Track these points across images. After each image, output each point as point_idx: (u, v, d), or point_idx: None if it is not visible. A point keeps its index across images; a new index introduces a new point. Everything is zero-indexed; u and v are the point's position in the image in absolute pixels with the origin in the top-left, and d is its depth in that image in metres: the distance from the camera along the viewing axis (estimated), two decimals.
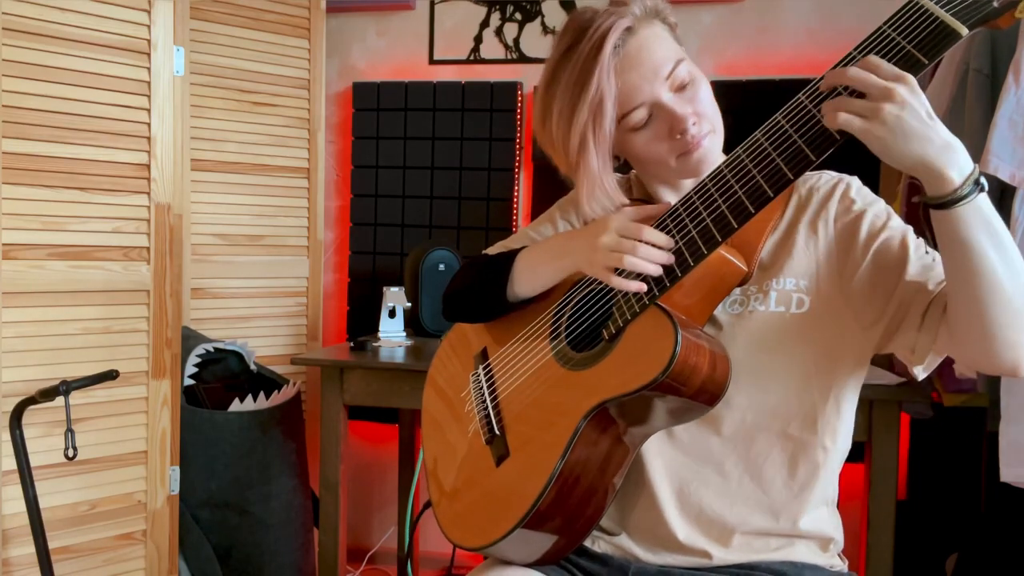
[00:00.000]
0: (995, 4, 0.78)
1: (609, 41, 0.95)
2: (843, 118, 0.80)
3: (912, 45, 0.80)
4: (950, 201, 0.81)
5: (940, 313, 0.92)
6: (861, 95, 0.81)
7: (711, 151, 1.00)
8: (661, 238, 0.94)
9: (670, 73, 0.98)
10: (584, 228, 1.02)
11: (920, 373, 0.97)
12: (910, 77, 0.79)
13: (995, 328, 0.86)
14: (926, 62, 0.80)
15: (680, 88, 0.99)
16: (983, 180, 0.82)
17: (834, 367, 1.02)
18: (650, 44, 0.98)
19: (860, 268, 0.98)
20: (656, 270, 0.93)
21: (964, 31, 0.78)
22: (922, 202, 0.84)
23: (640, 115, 0.99)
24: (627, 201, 1.05)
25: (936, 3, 0.79)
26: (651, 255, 0.93)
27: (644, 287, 0.94)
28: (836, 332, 1.01)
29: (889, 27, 0.82)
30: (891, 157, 0.81)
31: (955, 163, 0.80)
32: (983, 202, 0.82)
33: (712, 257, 0.92)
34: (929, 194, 0.83)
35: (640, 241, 0.94)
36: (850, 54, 0.84)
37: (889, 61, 0.81)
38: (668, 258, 0.93)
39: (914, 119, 0.79)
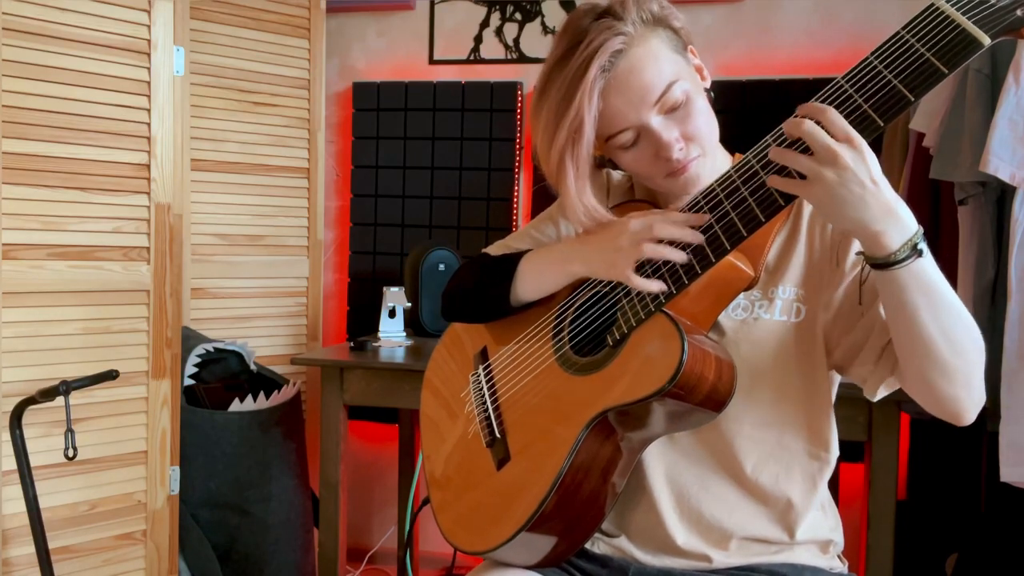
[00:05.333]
0: (1019, 12, 0.75)
1: (596, 64, 0.92)
2: (779, 181, 0.82)
3: (932, 53, 0.77)
4: (884, 264, 0.83)
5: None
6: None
7: (699, 174, 0.99)
8: (689, 226, 0.92)
9: (660, 97, 0.95)
10: (595, 233, 1.01)
11: (872, 398, 1.00)
12: (858, 139, 0.79)
13: (931, 382, 0.90)
14: (946, 71, 0.77)
15: (671, 110, 0.96)
16: (922, 246, 0.82)
17: (822, 375, 1.03)
18: (641, 66, 0.94)
19: (842, 284, 0.99)
20: (680, 256, 0.91)
21: (987, 41, 0.75)
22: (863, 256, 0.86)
23: (627, 137, 0.97)
24: (608, 215, 1.01)
25: (958, 10, 0.76)
26: (673, 234, 0.92)
27: (664, 287, 0.93)
28: (821, 340, 1.02)
29: (908, 32, 0.79)
30: (827, 217, 0.83)
31: (894, 228, 0.81)
32: (922, 266, 0.83)
33: (719, 262, 0.91)
34: (867, 254, 0.84)
35: (653, 241, 0.92)
36: (867, 59, 0.81)
37: (908, 67, 0.78)
38: (697, 237, 0.91)
39: (854, 185, 0.79)
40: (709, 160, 1.01)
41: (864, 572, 1.80)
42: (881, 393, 0.99)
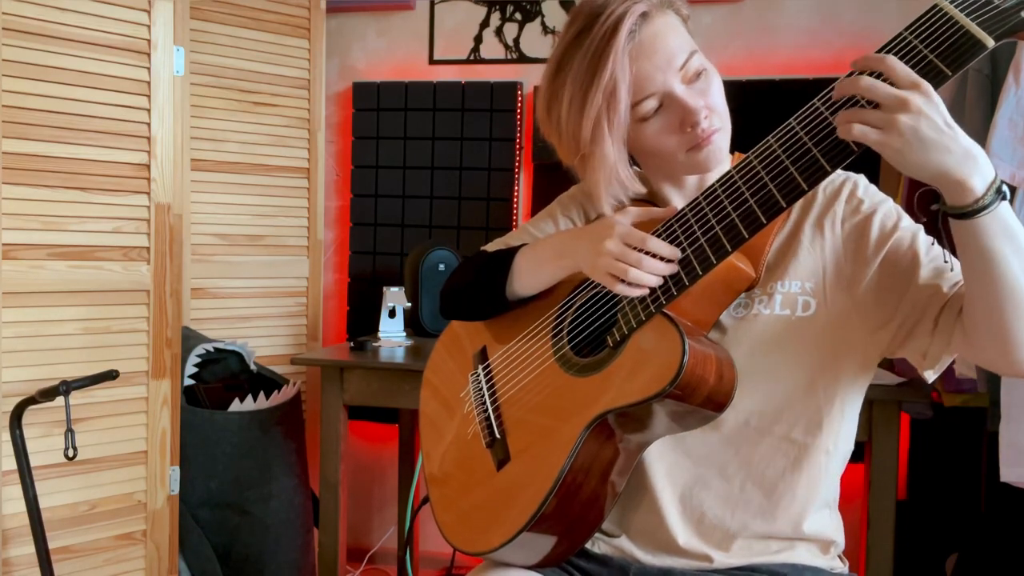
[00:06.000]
0: (1023, 14, 0.74)
1: (624, 26, 0.93)
2: (858, 130, 0.78)
3: (935, 54, 0.77)
4: (971, 211, 0.80)
5: (954, 317, 0.91)
6: (876, 104, 0.78)
7: (720, 148, 0.98)
8: (665, 249, 0.92)
9: (684, 63, 0.96)
10: (587, 228, 1.01)
11: (930, 376, 0.97)
12: (926, 84, 0.77)
13: (1015, 332, 0.85)
14: (949, 73, 0.76)
15: (693, 79, 0.97)
16: (1005, 188, 0.80)
17: (839, 371, 1.01)
18: (665, 32, 0.96)
19: (870, 272, 0.97)
20: (658, 282, 0.92)
21: (990, 43, 0.75)
22: (941, 211, 0.83)
23: (650, 105, 0.96)
24: (644, 189, 1.03)
25: (961, 11, 0.76)
26: (655, 268, 0.92)
27: (647, 291, 0.93)
28: (842, 335, 1.00)
29: (910, 33, 0.79)
30: (908, 168, 0.79)
31: (976, 172, 0.78)
32: (1005, 210, 0.81)
33: (720, 264, 0.91)
34: (949, 204, 0.81)
35: (644, 252, 0.92)
36: None
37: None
38: (672, 269, 0.92)
39: (930, 129, 0.76)
40: (727, 139, 1.00)
41: (864, 572, 1.80)
42: (940, 368, 0.95)
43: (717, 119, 0.97)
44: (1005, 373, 0.92)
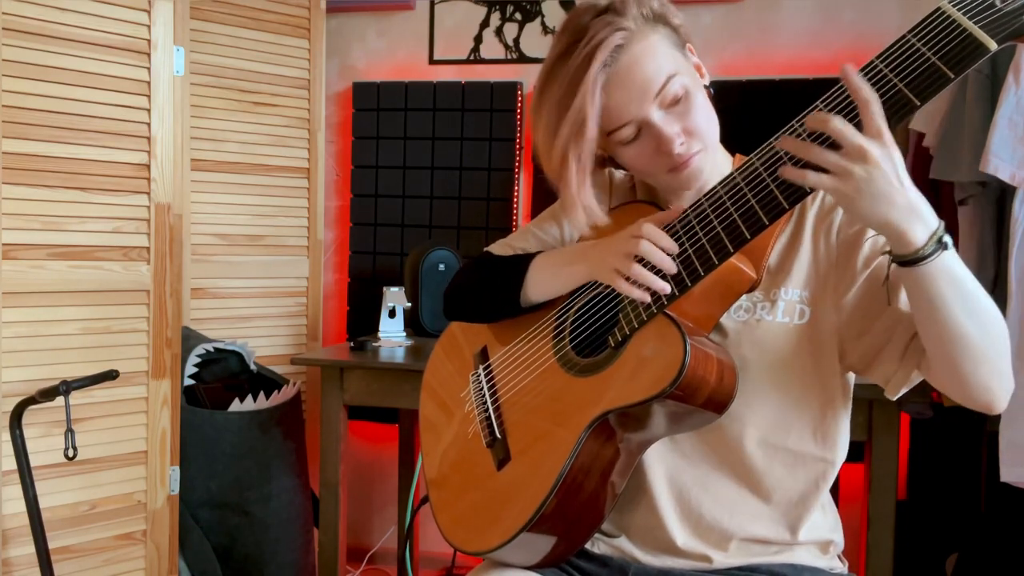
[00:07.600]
0: None
1: (598, 59, 0.93)
2: (812, 178, 0.80)
3: (938, 57, 0.77)
4: (911, 260, 0.83)
5: (922, 348, 0.93)
6: (835, 146, 0.80)
7: (701, 169, 0.99)
8: (666, 241, 0.93)
9: (660, 90, 0.95)
10: (606, 238, 1.01)
11: (891, 397, 0.99)
12: (888, 136, 0.79)
13: (965, 373, 0.88)
14: (952, 76, 0.77)
15: (672, 104, 0.96)
16: (947, 239, 0.82)
17: (832, 378, 1.03)
18: (642, 60, 0.95)
19: (854, 286, 0.99)
20: (663, 287, 0.92)
21: (993, 46, 0.75)
22: (888, 257, 0.86)
23: (628, 132, 0.97)
24: (605, 218, 1.02)
25: (964, 14, 0.76)
26: (658, 259, 0.92)
27: (648, 298, 0.93)
28: (831, 343, 1.01)
29: (913, 36, 0.79)
30: (854, 214, 0.82)
31: (918, 225, 0.81)
32: (947, 260, 0.83)
33: (721, 265, 0.91)
34: (893, 252, 0.84)
35: (644, 239, 0.93)
36: (872, 63, 0.81)
37: (913, 71, 0.78)
38: (672, 266, 0.92)
39: (883, 181, 0.79)
40: (711, 156, 1.01)
41: (864, 572, 1.80)
42: (903, 391, 0.98)
43: (696, 142, 0.98)
44: (965, 405, 0.94)
